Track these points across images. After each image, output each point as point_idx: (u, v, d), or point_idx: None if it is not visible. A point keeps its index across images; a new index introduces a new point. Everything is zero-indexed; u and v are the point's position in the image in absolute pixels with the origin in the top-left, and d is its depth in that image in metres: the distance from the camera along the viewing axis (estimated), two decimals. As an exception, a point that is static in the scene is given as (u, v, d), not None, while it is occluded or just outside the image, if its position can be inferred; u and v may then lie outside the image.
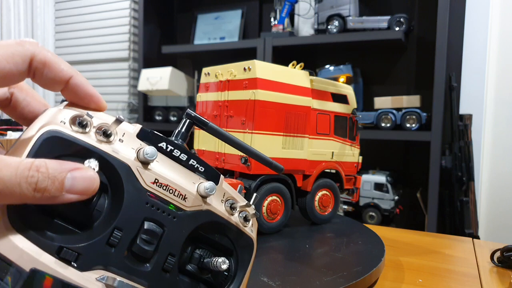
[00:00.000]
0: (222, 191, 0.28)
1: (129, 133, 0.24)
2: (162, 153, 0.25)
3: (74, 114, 0.23)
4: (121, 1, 2.15)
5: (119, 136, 0.24)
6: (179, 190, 0.25)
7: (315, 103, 0.66)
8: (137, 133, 0.25)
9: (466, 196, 1.54)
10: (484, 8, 1.60)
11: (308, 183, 0.66)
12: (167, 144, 0.25)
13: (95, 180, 0.21)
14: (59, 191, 0.20)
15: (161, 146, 0.25)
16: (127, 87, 2.17)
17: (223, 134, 0.29)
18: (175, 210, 0.25)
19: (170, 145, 0.25)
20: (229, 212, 0.28)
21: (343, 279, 0.43)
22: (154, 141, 0.25)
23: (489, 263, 0.60)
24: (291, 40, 1.70)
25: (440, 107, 1.42)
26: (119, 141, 0.24)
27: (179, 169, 0.25)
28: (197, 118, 0.28)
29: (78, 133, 0.22)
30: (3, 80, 0.22)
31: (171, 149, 0.25)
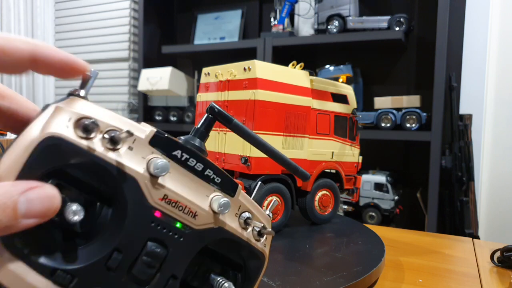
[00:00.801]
0: (237, 204, 0.26)
1: (141, 140, 0.21)
2: (176, 162, 0.22)
3: (78, 115, 0.20)
4: (121, 1, 2.15)
5: (128, 143, 0.21)
6: (190, 206, 0.23)
7: (315, 103, 0.66)
8: (150, 139, 0.22)
9: (466, 196, 1.54)
10: (484, 8, 1.60)
11: (308, 183, 0.66)
12: (182, 152, 0.23)
13: (54, 199, 0.19)
14: (13, 220, 0.17)
15: (175, 155, 0.22)
16: (127, 87, 2.17)
17: (249, 134, 0.27)
18: (182, 229, 0.22)
19: (186, 153, 0.23)
20: (242, 227, 0.26)
21: (343, 279, 0.43)
22: (168, 148, 0.22)
23: (489, 263, 0.60)
24: (291, 40, 1.70)
25: (440, 107, 1.42)
26: (129, 149, 0.21)
27: (193, 181, 0.23)
28: (222, 114, 0.26)
29: (82, 139, 0.20)
30: None
31: (186, 158, 0.23)
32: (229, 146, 0.63)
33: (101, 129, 0.20)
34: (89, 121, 0.20)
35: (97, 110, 0.21)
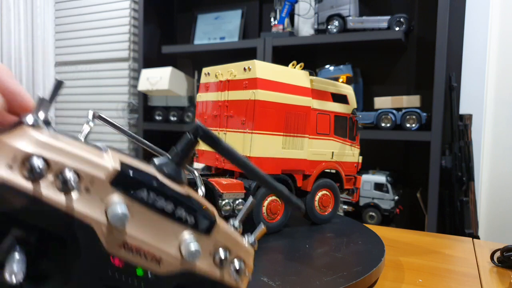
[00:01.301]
0: (213, 241, 0.23)
1: (100, 180, 0.19)
2: (141, 204, 0.19)
3: (24, 153, 0.17)
4: (121, 1, 2.15)
5: (85, 183, 0.18)
6: (154, 253, 0.20)
7: (315, 103, 0.66)
8: (111, 179, 0.19)
9: (466, 196, 1.54)
10: (484, 8, 1.60)
11: (308, 183, 0.66)
12: (149, 192, 0.20)
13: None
14: None
15: (140, 197, 0.19)
16: (127, 87, 2.17)
17: (238, 159, 0.23)
18: (144, 276, 0.20)
19: (154, 192, 0.20)
20: (217, 266, 0.23)
21: (343, 279, 0.44)
22: (132, 188, 0.19)
23: (489, 263, 0.60)
24: (291, 40, 1.70)
25: (440, 107, 1.42)
26: (85, 190, 0.18)
27: (160, 223, 0.20)
28: (209, 135, 0.22)
29: (28, 181, 0.17)
30: None
31: (153, 198, 0.20)
32: (229, 146, 0.63)
33: (53, 169, 0.18)
34: (37, 160, 0.17)
35: (51, 142, 0.18)
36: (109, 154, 0.20)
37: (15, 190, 0.17)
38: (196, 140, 0.22)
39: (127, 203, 0.19)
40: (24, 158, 0.17)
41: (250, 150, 0.59)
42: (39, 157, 0.17)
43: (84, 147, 0.19)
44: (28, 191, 0.17)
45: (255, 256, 0.27)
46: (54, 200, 0.17)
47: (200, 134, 0.22)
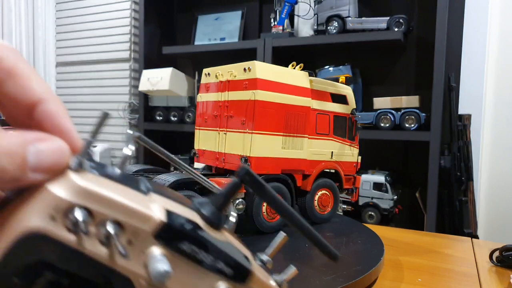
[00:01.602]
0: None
1: (144, 232, 0.18)
2: (182, 255, 0.19)
3: (68, 204, 0.16)
4: (122, 2, 2.16)
5: (128, 236, 0.18)
6: None
7: (315, 103, 0.66)
8: (155, 232, 0.18)
9: (465, 196, 1.54)
10: (483, 8, 1.61)
11: (307, 183, 0.66)
12: (191, 245, 0.19)
13: (64, 152, 0.17)
14: (21, 170, 0.15)
15: (182, 249, 0.19)
16: (128, 88, 2.17)
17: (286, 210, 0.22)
18: None
19: (196, 245, 0.19)
20: None
21: (342, 279, 0.44)
22: (175, 241, 0.19)
23: (488, 262, 0.60)
24: (291, 41, 1.70)
25: (439, 107, 1.43)
26: (127, 243, 0.18)
27: (198, 273, 0.20)
28: (256, 182, 0.21)
29: (70, 233, 0.16)
30: None
31: (195, 250, 0.19)
32: (229, 146, 0.64)
33: (97, 220, 0.17)
34: (81, 212, 0.16)
35: (96, 191, 0.17)
36: (153, 198, 0.19)
37: (56, 242, 0.16)
38: (241, 185, 0.21)
39: (168, 255, 0.18)
40: (68, 209, 0.16)
41: (250, 150, 0.59)
42: (84, 208, 0.16)
43: (129, 192, 0.18)
44: (70, 243, 0.16)
45: None
46: (95, 253, 0.17)
47: (246, 180, 0.21)
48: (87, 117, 2.28)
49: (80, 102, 2.33)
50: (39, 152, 0.16)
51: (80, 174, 0.17)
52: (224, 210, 0.21)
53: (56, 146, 0.17)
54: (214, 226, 0.20)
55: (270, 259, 0.24)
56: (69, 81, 2.36)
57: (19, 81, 0.17)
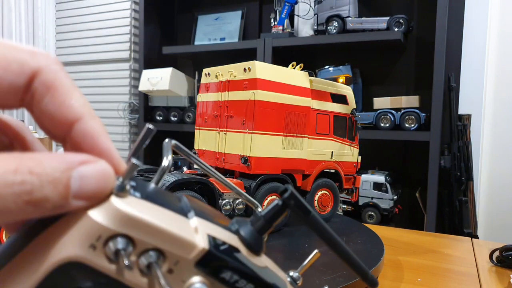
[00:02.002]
0: None
1: (186, 260, 0.17)
2: (222, 284, 0.18)
3: (111, 232, 0.15)
4: (122, 2, 2.16)
5: (169, 264, 0.17)
6: None
7: (315, 103, 0.66)
8: (197, 260, 0.17)
9: (465, 195, 1.54)
10: (483, 8, 1.61)
11: (307, 183, 0.66)
12: (233, 274, 0.19)
13: (109, 177, 0.16)
14: (64, 199, 0.14)
15: (223, 278, 0.18)
16: (128, 88, 2.17)
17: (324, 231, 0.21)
18: None
19: (237, 274, 0.19)
20: None
21: (342, 278, 0.44)
22: (217, 270, 0.18)
23: (488, 262, 0.60)
24: (291, 41, 1.70)
25: (439, 107, 1.43)
26: (168, 271, 0.17)
27: None
28: (300, 204, 0.20)
29: (111, 263, 0.16)
30: None
31: (235, 279, 0.19)
32: (229, 146, 0.64)
33: (138, 248, 0.16)
34: (123, 241, 0.16)
35: (139, 217, 0.16)
36: (195, 221, 0.18)
37: (95, 271, 0.16)
38: (285, 210, 0.20)
39: (208, 284, 0.18)
40: (109, 237, 0.15)
41: (250, 150, 0.59)
42: (125, 236, 0.16)
43: (171, 216, 0.17)
44: (109, 273, 0.16)
45: None
46: (135, 283, 0.16)
47: (291, 204, 0.19)
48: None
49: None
50: (82, 177, 0.15)
51: (122, 199, 0.16)
52: (265, 234, 0.20)
53: (100, 170, 0.15)
54: (254, 252, 0.19)
55: (300, 275, 0.24)
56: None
57: (58, 97, 0.16)
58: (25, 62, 0.15)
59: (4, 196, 0.13)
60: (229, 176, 0.65)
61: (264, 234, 0.20)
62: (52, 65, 0.16)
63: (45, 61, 0.16)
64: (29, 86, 0.16)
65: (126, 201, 0.16)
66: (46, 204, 0.14)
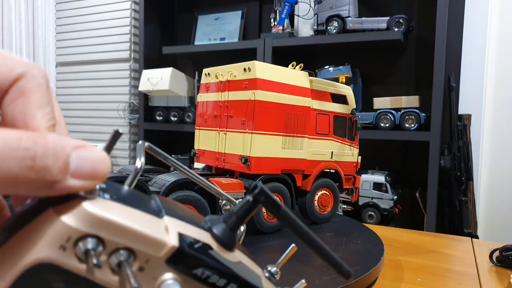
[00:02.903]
0: None
1: (156, 258, 0.17)
2: (194, 280, 0.19)
3: (80, 233, 0.16)
4: (122, 2, 2.16)
5: (140, 263, 0.17)
6: None
7: (315, 103, 0.66)
8: (168, 258, 0.18)
9: (465, 195, 1.54)
10: (483, 8, 1.61)
11: (307, 183, 0.66)
12: (204, 270, 0.19)
13: (105, 162, 0.16)
14: (62, 173, 0.15)
15: (195, 274, 0.19)
16: (128, 88, 2.17)
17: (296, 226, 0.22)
18: None
19: (209, 269, 0.19)
20: None
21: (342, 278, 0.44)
22: (188, 267, 0.18)
23: (488, 262, 0.60)
24: (291, 41, 1.70)
25: (439, 107, 1.43)
26: (139, 269, 0.17)
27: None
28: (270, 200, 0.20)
29: (81, 263, 0.16)
30: None
31: (207, 275, 0.19)
32: (229, 146, 0.64)
33: (108, 248, 0.16)
34: (92, 241, 0.16)
35: (107, 218, 0.16)
36: (165, 220, 0.18)
37: (66, 272, 0.16)
38: (256, 206, 0.20)
39: (180, 280, 0.18)
40: (78, 238, 0.16)
41: (250, 150, 0.59)
42: (95, 237, 0.16)
43: (141, 216, 0.17)
44: (80, 273, 0.16)
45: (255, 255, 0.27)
46: (106, 281, 0.17)
47: (261, 200, 0.20)
48: (87, 117, 2.28)
49: (80, 102, 2.33)
50: (81, 157, 0.16)
51: (91, 201, 0.16)
52: (237, 230, 0.20)
53: (97, 154, 0.16)
54: (227, 248, 0.20)
55: (278, 270, 0.24)
56: (69, 81, 2.36)
57: (26, 105, 0.16)
58: (14, 68, 0.16)
59: (10, 159, 0.14)
60: (229, 176, 0.65)
61: (236, 231, 0.20)
62: (38, 77, 0.17)
63: (33, 71, 0.17)
64: (8, 88, 0.16)
65: (94, 203, 0.16)
66: (47, 174, 0.15)
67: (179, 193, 0.51)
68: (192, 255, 0.18)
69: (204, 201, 0.54)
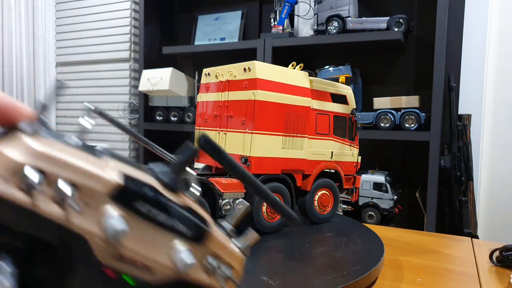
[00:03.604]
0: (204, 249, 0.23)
1: (100, 194, 0.18)
2: (137, 215, 0.19)
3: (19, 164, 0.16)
4: (122, 2, 2.16)
5: (83, 196, 0.18)
6: (147, 263, 0.20)
7: (315, 103, 0.66)
8: (110, 192, 0.18)
9: (465, 195, 1.54)
10: (483, 8, 1.61)
11: (307, 183, 0.66)
12: (147, 204, 0.20)
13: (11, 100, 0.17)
14: None
15: (137, 209, 0.19)
16: (128, 88, 2.17)
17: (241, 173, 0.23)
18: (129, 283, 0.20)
19: (151, 204, 0.20)
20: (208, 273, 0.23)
21: (342, 278, 0.44)
22: (131, 202, 0.19)
23: (488, 262, 0.61)
24: (291, 41, 1.70)
25: (439, 107, 1.43)
26: (82, 202, 0.18)
27: (154, 233, 0.20)
28: (216, 148, 0.22)
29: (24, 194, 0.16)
30: None
31: (149, 209, 0.20)
32: (229, 146, 0.64)
33: (50, 180, 0.17)
34: (34, 172, 0.16)
35: (49, 152, 0.17)
36: (109, 162, 0.19)
37: (10, 203, 0.16)
38: (198, 151, 0.22)
39: (124, 216, 0.19)
40: (20, 170, 0.16)
41: (250, 150, 0.59)
42: (36, 168, 0.16)
43: (84, 156, 0.18)
44: (23, 204, 0.16)
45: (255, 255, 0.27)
46: (49, 213, 0.17)
47: (202, 145, 0.21)
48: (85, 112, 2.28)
49: (80, 102, 2.33)
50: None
51: (35, 138, 0.17)
52: (181, 174, 0.21)
53: None
54: (171, 189, 0.21)
55: (232, 228, 0.25)
56: (69, 81, 2.36)
57: None
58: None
59: None
60: (229, 176, 0.65)
61: (179, 174, 0.21)
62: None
63: None
64: None
65: (38, 140, 0.17)
66: None
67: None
68: (135, 191, 0.19)
69: (204, 201, 0.54)
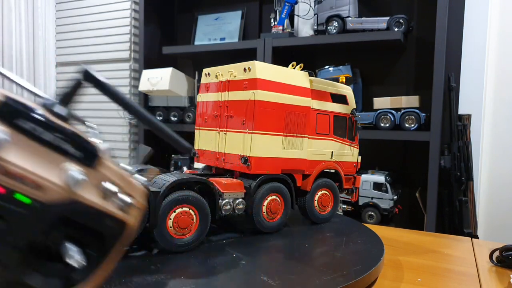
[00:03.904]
0: (98, 174, 0.23)
1: None
2: (20, 133, 0.20)
3: None
4: (122, 2, 2.16)
5: None
6: (37, 180, 0.21)
7: (315, 103, 0.66)
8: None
9: (465, 195, 1.54)
10: (483, 8, 1.61)
11: (307, 183, 0.66)
12: (33, 124, 0.21)
13: None
14: None
15: (19, 125, 0.20)
16: (128, 88, 2.18)
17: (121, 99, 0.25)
18: (26, 203, 0.21)
19: (38, 124, 0.21)
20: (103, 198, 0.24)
21: (342, 278, 0.44)
22: (16, 118, 0.20)
23: (488, 262, 0.61)
24: (291, 41, 1.70)
25: (439, 107, 1.43)
26: None
27: (41, 152, 0.21)
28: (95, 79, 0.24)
29: None
30: None
31: (38, 131, 0.21)
32: (229, 146, 0.64)
33: None
34: None
35: None
36: None
37: None
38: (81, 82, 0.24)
39: (9, 131, 0.20)
40: None
41: (250, 150, 0.59)
42: None
43: None
44: None
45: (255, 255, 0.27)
46: None
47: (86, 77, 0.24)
48: (87, 117, 2.28)
49: (80, 102, 2.32)
50: None
51: None
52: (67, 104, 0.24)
53: None
54: (59, 117, 0.22)
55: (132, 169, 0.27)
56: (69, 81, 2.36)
57: None
58: None
59: None
60: (229, 176, 0.65)
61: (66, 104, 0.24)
62: None
63: None
64: None
65: None
66: None
67: (179, 193, 0.51)
68: (17, 109, 0.20)
69: (204, 201, 0.54)
